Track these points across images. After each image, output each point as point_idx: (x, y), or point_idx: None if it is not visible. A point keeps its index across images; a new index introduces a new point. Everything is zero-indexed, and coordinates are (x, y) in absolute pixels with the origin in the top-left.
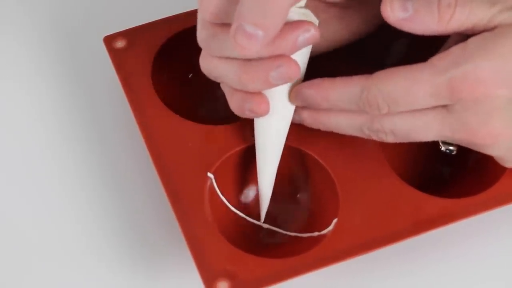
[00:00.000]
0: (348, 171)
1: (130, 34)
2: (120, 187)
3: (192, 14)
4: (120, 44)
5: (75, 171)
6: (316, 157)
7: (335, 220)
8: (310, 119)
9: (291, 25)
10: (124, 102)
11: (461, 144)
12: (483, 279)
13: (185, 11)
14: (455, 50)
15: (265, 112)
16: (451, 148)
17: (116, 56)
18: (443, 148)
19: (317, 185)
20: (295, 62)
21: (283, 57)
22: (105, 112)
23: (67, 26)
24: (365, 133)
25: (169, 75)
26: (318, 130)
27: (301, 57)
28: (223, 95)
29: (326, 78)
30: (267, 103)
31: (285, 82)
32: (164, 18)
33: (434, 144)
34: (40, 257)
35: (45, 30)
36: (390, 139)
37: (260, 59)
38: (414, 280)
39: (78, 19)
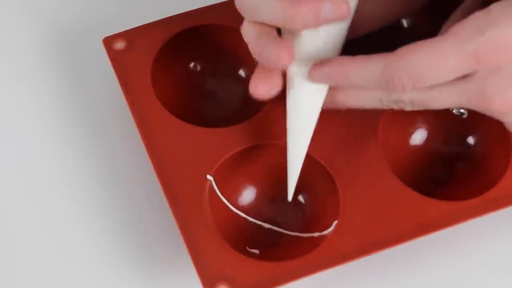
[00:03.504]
0: (350, 173)
1: (129, 35)
2: (119, 190)
3: (192, 15)
4: (119, 45)
5: (74, 173)
6: (318, 159)
7: (335, 222)
8: (328, 98)
9: None
10: (124, 103)
11: (474, 110)
12: (484, 280)
13: (184, 11)
14: (478, 17)
15: (287, 62)
16: (462, 111)
17: (116, 58)
18: (454, 111)
19: (318, 187)
20: (348, 1)
21: None
22: (104, 114)
23: (67, 27)
24: (384, 104)
25: (168, 77)
26: (320, 132)
27: (334, 37)
28: (223, 97)
29: (345, 56)
30: (291, 52)
31: (336, 20)
32: (164, 19)
33: (435, 147)
34: (39, 258)
35: (44, 31)
36: (408, 108)
37: None
38: (414, 283)
39: (77, 20)
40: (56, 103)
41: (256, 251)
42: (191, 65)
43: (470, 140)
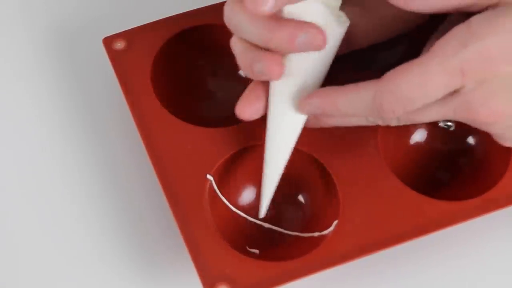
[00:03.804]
0: (349, 173)
1: (129, 35)
2: (119, 190)
3: (192, 15)
4: (119, 45)
5: (74, 173)
6: (318, 158)
7: (335, 222)
8: (314, 119)
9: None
10: (123, 103)
11: (461, 121)
12: (484, 280)
13: (184, 11)
14: (459, 30)
15: (277, 75)
16: (449, 123)
17: (116, 58)
18: (441, 124)
19: (318, 187)
20: (324, 34)
21: (312, 24)
22: (104, 114)
23: (67, 27)
24: (370, 122)
25: (168, 77)
26: (321, 132)
27: (318, 62)
28: (222, 97)
29: (333, 87)
30: (281, 66)
31: (311, 50)
32: (164, 19)
33: (434, 147)
34: (39, 258)
35: (44, 31)
36: (394, 124)
37: (290, 20)
38: (414, 283)
39: (77, 20)
40: (56, 103)
41: (256, 251)
42: (191, 65)
43: (470, 140)
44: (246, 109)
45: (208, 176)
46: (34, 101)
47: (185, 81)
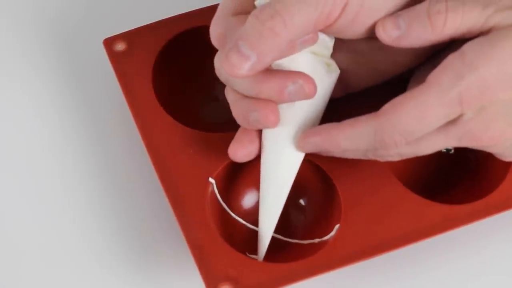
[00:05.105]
0: (350, 177)
1: (130, 37)
2: (121, 193)
3: (193, 15)
4: (120, 47)
5: (75, 176)
6: (319, 163)
7: (337, 226)
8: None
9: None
10: (125, 106)
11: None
12: (486, 282)
13: (185, 11)
14: (453, 62)
15: (273, 123)
16: (449, 147)
17: (116, 59)
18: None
19: (320, 191)
20: (314, 81)
21: (300, 73)
22: (105, 116)
23: (67, 29)
24: (369, 157)
25: (169, 78)
26: None
27: (311, 110)
28: (224, 99)
29: (332, 124)
30: (276, 114)
31: (301, 99)
32: (165, 20)
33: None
34: (39, 258)
35: (45, 32)
36: (396, 159)
37: (278, 70)
38: (416, 284)
39: (77, 22)
40: (56, 104)
41: (256, 257)
42: (193, 67)
43: None
44: (239, 151)
45: (210, 180)
46: (34, 102)
47: (187, 83)
